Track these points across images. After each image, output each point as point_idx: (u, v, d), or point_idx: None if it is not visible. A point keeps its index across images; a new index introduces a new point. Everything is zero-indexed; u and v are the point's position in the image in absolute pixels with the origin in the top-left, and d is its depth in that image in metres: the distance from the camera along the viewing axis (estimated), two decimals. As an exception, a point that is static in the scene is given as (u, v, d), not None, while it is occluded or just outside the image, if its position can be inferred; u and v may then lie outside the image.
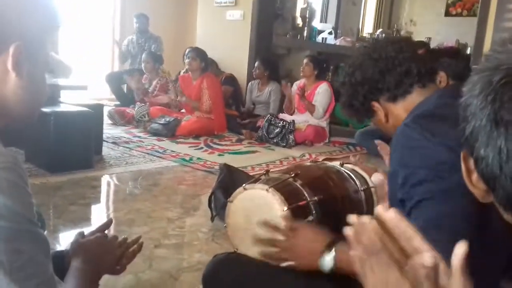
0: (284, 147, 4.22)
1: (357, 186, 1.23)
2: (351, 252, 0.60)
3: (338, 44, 6.75)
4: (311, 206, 1.10)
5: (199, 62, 4.55)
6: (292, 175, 1.14)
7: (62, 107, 3.02)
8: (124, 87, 5.73)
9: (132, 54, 5.67)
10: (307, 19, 6.39)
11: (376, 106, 1.05)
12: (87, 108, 3.04)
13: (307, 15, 6.39)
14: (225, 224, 1.16)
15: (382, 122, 1.07)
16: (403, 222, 0.57)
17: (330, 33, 6.86)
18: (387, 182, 0.99)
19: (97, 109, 3.25)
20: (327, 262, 0.95)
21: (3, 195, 0.63)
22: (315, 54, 5.51)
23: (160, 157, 3.49)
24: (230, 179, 2.26)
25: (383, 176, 1.21)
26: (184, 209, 2.43)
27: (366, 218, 0.58)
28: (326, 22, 7.38)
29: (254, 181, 1.15)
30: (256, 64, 5.09)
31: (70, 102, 3.18)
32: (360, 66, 1.05)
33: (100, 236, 1.10)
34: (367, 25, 8.28)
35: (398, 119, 1.03)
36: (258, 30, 5.51)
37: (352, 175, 1.24)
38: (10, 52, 0.70)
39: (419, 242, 0.55)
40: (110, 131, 4.22)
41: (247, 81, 5.45)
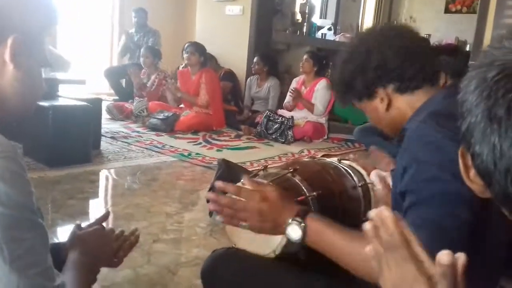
0: (283, 143, 4.23)
1: (354, 182, 1.23)
2: (367, 248, 0.59)
3: (337, 40, 6.75)
4: (310, 202, 1.10)
5: (198, 56, 4.55)
6: (291, 170, 1.14)
7: (61, 101, 3.01)
8: (123, 81, 5.72)
9: (131, 49, 5.66)
10: (307, 15, 6.38)
11: (382, 93, 1.01)
12: (85, 103, 3.03)
13: (307, 11, 6.38)
14: (222, 220, 1.16)
15: (380, 111, 1.03)
16: (404, 227, 0.57)
17: (329, 29, 6.85)
18: (392, 181, 0.99)
19: (95, 103, 3.24)
20: (295, 231, 0.90)
21: (4, 183, 0.64)
22: (314, 50, 5.50)
23: (159, 152, 3.48)
24: (228, 175, 2.26)
25: (383, 174, 1.21)
26: (183, 204, 2.43)
27: (386, 212, 0.57)
28: (325, 18, 7.37)
29: (252, 176, 1.15)
30: (255, 60, 5.08)
31: (69, 96, 3.17)
32: (379, 48, 0.99)
33: (97, 228, 1.10)
34: (367, 21, 8.27)
35: (400, 112, 1.01)
36: (258, 26, 5.49)
37: (349, 171, 1.24)
38: (8, 43, 0.71)
39: (418, 249, 0.55)
40: (108, 125, 4.22)
41: (246, 76, 5.44)
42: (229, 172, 2.31)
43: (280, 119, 4.35)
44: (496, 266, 0.88)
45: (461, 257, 0.50)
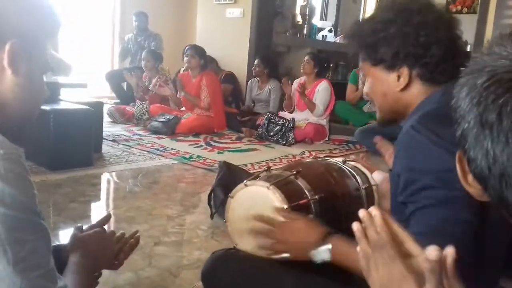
0: (284, 145, 4.22)
1: (358, 184, 1.22)
2: (357, 248, 0.60)
3: (338, 41, 6.75)
4: (312, 205, 1.09)
5: (198, 59, 4.55)
6: (294, 172, 1.14)
7: (62, 105, 3.02)
8: (124, 85, 5.73)
9: (132, 52, 5.67)
10: (307, 17, 6.39)
11: (405, 72, 0.96)
12: (87, 106, 3.04)
13: (307, 13, 6.39)
14: (225, 220, 1.16)
15: (390, 86, 0.98)
16: (394, 225, 0.58)
17: (330, 30, 6.86)
18: (390, 181, 0.98)
19: (97, 107, 3.24)
20: (322, 253, 0.94)
21: (8, 185, 0.64)
22: (315, 51, 5.51)
23: (160, 155, 3.48)
24: (229, 177, 2.26)
25: (383, 174, 1.21)
26: (184, 206, 2.43)
27: (375, 211, 0.58)
28: (326, 20, 7.38)
29: (255, 177, 1.15)
30: (256, 62, 5.08)
31: (70, 100, 3.17)
32: (433, 30, 0.93)
33: (98, 231, 1.10)
34: (367, 23, 8.26)
35: (411, 98, 0.97)
36: (258, 28, 5.50)
37: (353, 173, 1.24)
38: (6, 49, 0.71)
39: (411, 245, 0.56)
40: (110, 129, 4.22)
41: (247, 79, 5.44)
42: (230, 174, 2.31)
43: (281, 121, 4.35)
44: (496, 266, 0.87)
45: (450, 252, 0.50)
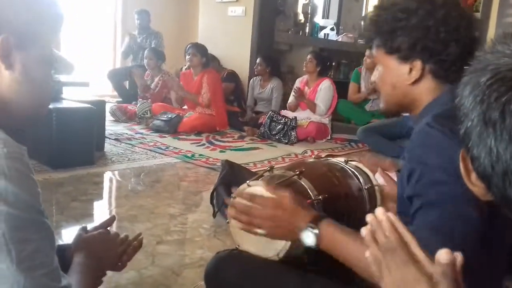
0: (286, 143, 4.22)
1: (361, 184, 1.22)
2: (366, 253, 0.59)
3: (340, 40, 6.74)
4: (316, 205, 1.09)
5: (200, 57, 4.55)
6: (297, 172, 1.13)
7: (64, 104, 3.02)
8: (126, 83, 5.73)
9: (134, 50, 5.67)
10: (309, 15, 6.37)
11: (417, 65, 0.93)
12: (89, 105, 3.04)
13: (309, 11, 6.38)
14: (227, 220, 1.15)
15: (400, 78, 0.95)
16: (400, 228, 0.57)
17: (332, 29, 6.85)
18: (398, 182, 0.98)
19: (99, 105, 3.24)
20: (307, 238, 0.91)
21: (12, 183, 0.64)
22: (317, 50, 5.50)
23: (162, 153, 3.49)
24: (232, 176, 2.26)
25: (385, 175, 1.21)
26: (186, 205, 2.43)
27: (382, 215, 0.58)
28: (328, 18, 7.37)
29: (258, 177, 1.15)
30: (258, 61, 5.07)
31: (72, 98, 3.18)
32: (454, 26, 0.90)
33: (103, 232, 1.10)
34: (369, 21, 8.24)
35: (420, 93, 0.95)
36: (260, 26, 5.49)
37: (356, 173, 1.23)
38: None
39: (417, 250, 0.55)
40: (112, 127, 4.22)
41: (249, 77, 5.44)
42: (232, 173, 2.31)
43: (283, 119, 4.35)
44: (502, 266, 0.87)
45: (458, 256, 0.51)
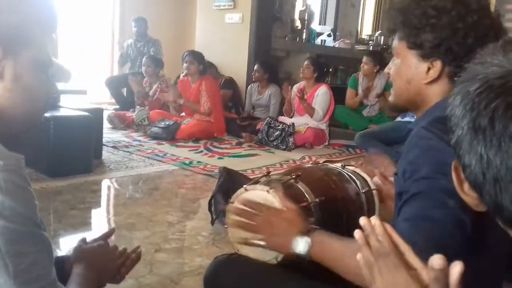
0: (284, 150, 4.22)
1: (358, 188, 1.22)
2: (358, 256, 0.60)
3: (337, 46, 6.77)
4: (312, 208, 1.09)
5: (197, 65, 4.56)
6: (294, 176, 1.14)
7: (62, 112, 3.02)
8: (124, 91, 5.73)
9: (131, 58, 5.68)
10: (306, 22, 6.40)
11: (437, 66, 0.91)
12: (86, 113, 3.04)
13: (306, 18, 6.40)
14: (225, 225, 1.15)
15: (418, 75, 0.93)
16: (395, 236, 0.58)
17: (329, 35, 6.88)
18: (394, 184, 0.98)
19: (96, 113, 3.24)
20: (301, 245, 0.94)
21: (8, 197, 0.63)
22: (314, 56, 5.52)
23: (160, 160, 3.48)
24: (230, 183, 2.26)
25: (382, 178, 1.21)
26: (184, 212, 2.42)
27: (375, 221, 0.58)
28: (325, 24, 7.40)
29: (255, 182, 1.15)
30: (256, 67, 5.08)
31: (70, 106, 3.17)
32: (485, 31, 0.88)
33: (102, 244, 1.10)
34: (366, 27, 8.30)
35: (434, 93, 0.93)
36: (257, 33, 5.51)
37: (353, 177, 1.24)
38: None
39: (412, 257, 0.56)
40: (110, 135, 4.22)
41: (247, 84, 5.45)
42: (230, 180, 2.31)
43: (281, 126, 4.35)
44: (501, 269, 0.87)
45: (457, 265, 0.51)
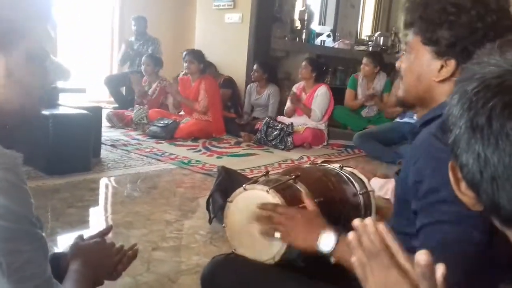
0: (282, 149, 4.22)
1: (356, 189, 1.23)
2: (352, 258, 0.60)
3: (336, 46, 6.78)
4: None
5: (197, 64, 4.56)
6: (293, 176, 1.14)
7: (61, 110, 3.02)
8: (123, 89, 5.72)
9: (131, 57, 5.68)
10: (306, 22, 6.40)
11: (451, 65, 0.89)
12: (85, 111, 3.04)
13: (306, 18, 6.40)
14: (223, 225, 1.16)
15: (430, 72, 0.91)
16: (388, 236, 0.58)
17: (328, 35, 6.89)
18: (396, 187, 0.97)
19: (95, 111, 3.24)
20: (328, 242, 0.92)
21: (2, 195, 0.63)
22: (313, 56, 5.52)
23: (159, 159, 3.48)
24: (228, 182, 2.26)
25: (381, 181, 1.22)
26: (182, 211, 2.42)
27: (368, 220, 0.59)
28: (324, 25, 7.41)
29: (254, 181, 1.15)
30: (255, 67, 5.09)
31: (69, 104, 3.18)
32: (504, 32, 0.85)
33: (99, 241, 1.10)
34: (366, 27, 8.31)
35: (443, 92, 0.91)
36: (257, 33, 5.51)
37: (351, 178, 1.24)
38: None
39: (402, 258, 0.56)
40: (108, 133, 4.22)
41: (246, 83, 5.45)
42: (229, 179, 2.31)
43: (279, 125, 4.36)
44: (499, 274, 0.88)
45: (440, 267, 0.51)
